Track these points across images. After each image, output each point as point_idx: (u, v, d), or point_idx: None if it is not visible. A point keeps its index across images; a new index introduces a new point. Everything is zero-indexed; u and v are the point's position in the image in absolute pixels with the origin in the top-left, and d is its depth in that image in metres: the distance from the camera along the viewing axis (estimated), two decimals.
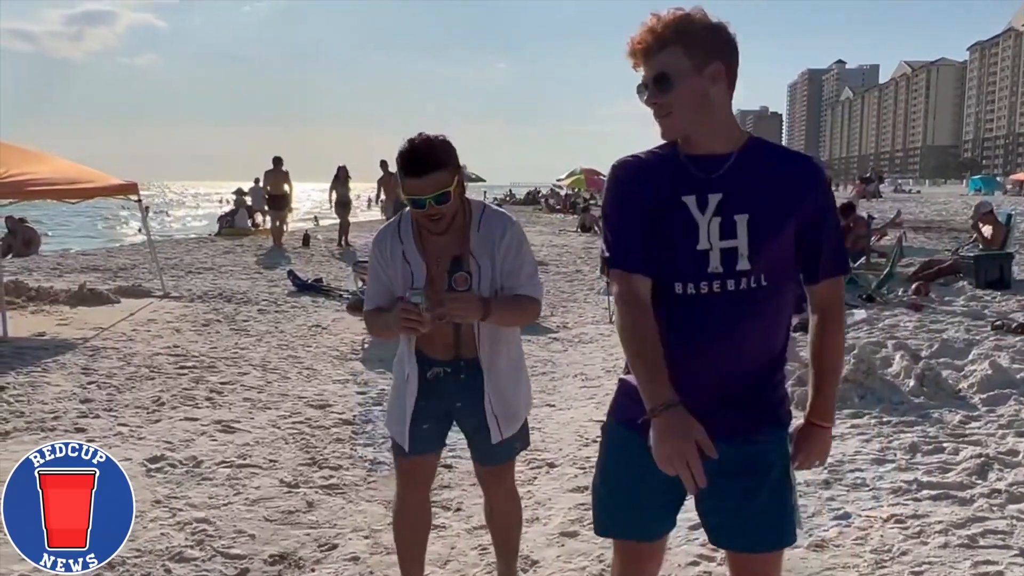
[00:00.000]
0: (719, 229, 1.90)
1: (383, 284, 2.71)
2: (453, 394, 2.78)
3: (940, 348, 6.67)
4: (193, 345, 7.57)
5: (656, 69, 1.90)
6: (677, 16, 1.91)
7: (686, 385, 1.84)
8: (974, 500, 3.81)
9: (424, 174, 2.50)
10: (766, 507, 1.95)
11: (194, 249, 17.01)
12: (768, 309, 1.93)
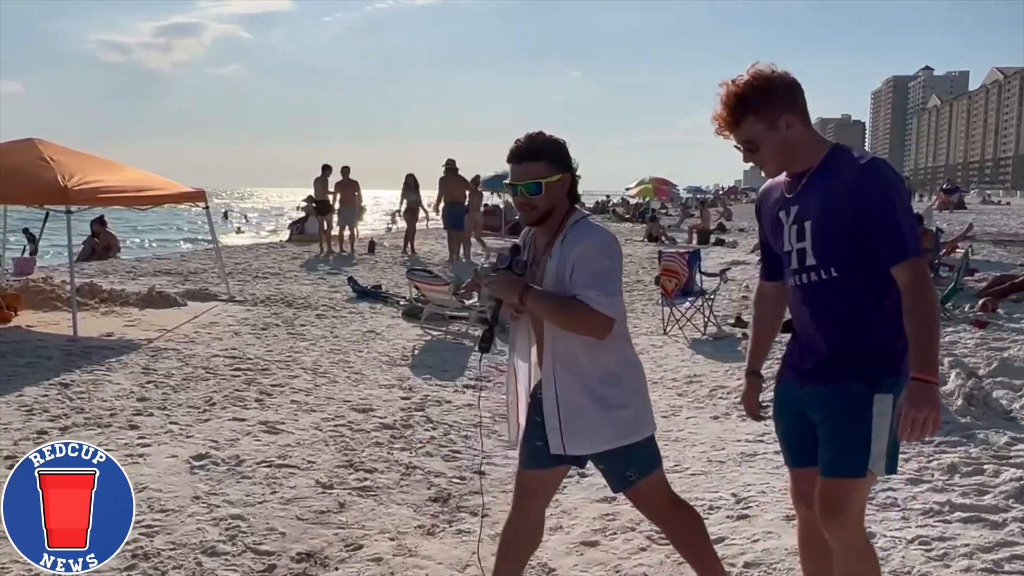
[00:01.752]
0: (796, 234, 2.44)
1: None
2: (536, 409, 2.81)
3: (999, 367, 6.45)
4: (250, 348, 7.83)
5: (740, 138, 2.42)
6: (742, 88, 2.37)
7: (803, 348, 2.52)
8: (1006, 524, 3.70)
9: (521, 162, 2.67)
10: (840, 442, 2.39)
11: (263, 255, 17.52)
12: (846, 294, 2.37)
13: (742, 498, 4.25)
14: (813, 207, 2.38)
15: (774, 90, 2.37)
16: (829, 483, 2.41)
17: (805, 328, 2.51)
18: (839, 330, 2.41)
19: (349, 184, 17.84)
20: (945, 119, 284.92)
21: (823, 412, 2.44)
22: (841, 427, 2.39)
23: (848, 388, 2.38)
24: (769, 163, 2.46)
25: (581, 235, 2.65)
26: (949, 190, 48.35)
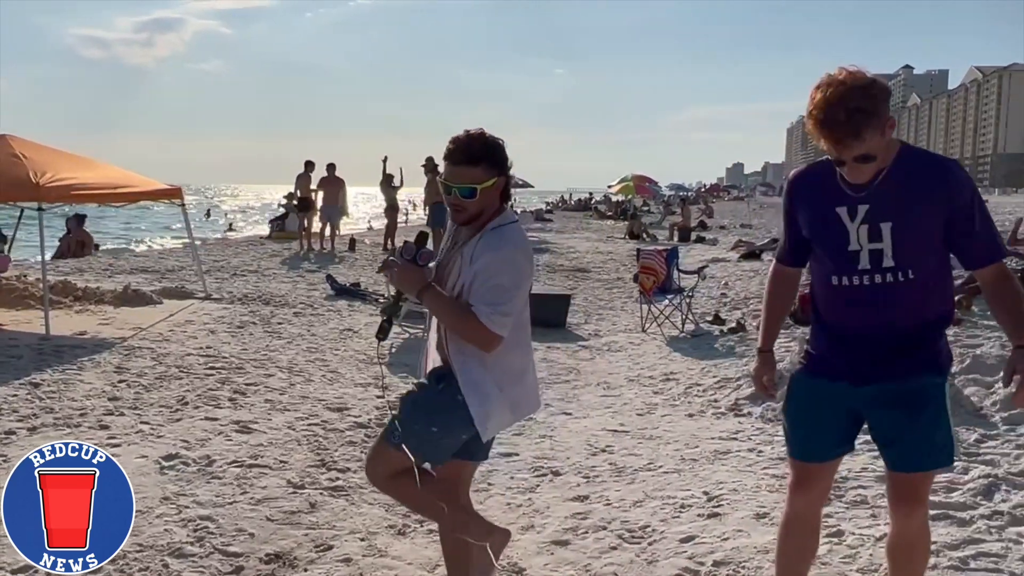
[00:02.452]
0: (867, 234, 2.40)
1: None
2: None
3: (971, 364, 6.48)
4: (225, 346, 7.77)
5: (860, 151, 2.28)
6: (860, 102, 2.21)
7: (855, 345, 2.49)
8: (974, 521, 3.73)
9: (458, 164, 2.64)
10: (925, 435, 2.45)
11: (242, 252, 17.40)
12: (916, 294, 2.41)
13: (714, 496, 4.25)
14: (892, 209, 2.36)
15: (885, 91, 2.29)
16: (918, 476, 2.50)
17: (867, 326, 2.47)
18: (913, 327, 2.45)
19: (334, 181, 17.76)
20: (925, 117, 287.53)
21: (907, 409, 2.46)
22: (931, 421, 2.46)
23: (929, 380, 2.47)
24: (871, 166, 2.34)
25: (492, 245, 2.65)
26: None
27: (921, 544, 2.65)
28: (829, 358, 2.59)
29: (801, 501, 2.68)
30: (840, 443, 2.63)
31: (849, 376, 2.53)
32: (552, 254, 19.22)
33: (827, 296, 2.56)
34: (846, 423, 2.60)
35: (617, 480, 4.63)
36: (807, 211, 2.54)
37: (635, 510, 4.15)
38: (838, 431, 2.61)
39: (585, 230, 30.13)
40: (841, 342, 2.55)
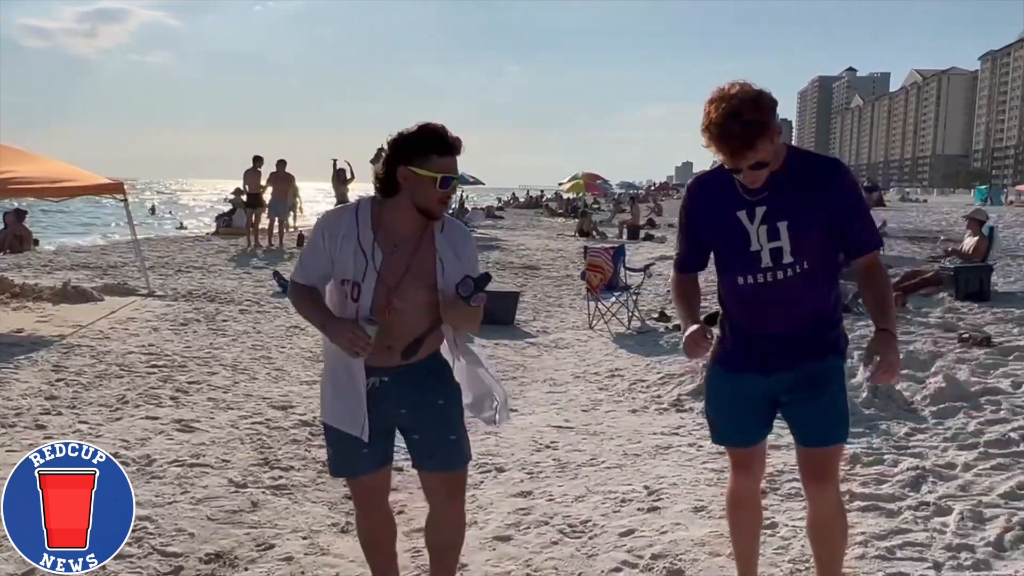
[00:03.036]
0: (766, 234, 2.57)
1: (321, 263, 2.69)
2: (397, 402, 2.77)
3: (905, 360, 6.67)
4: (168, 344, 7.66)
5: (754, 160, 2.45)
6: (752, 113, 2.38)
7: (761, 336, 2.69)
8: (901, 512, 3.86)
9: (455, 156, 2.63)
10: (826, 412, 2.68)
11: (187, 248, 17.13)
12: (815, 285, 2.61)
13: (654, 490, 4.34)
14: (787, 208, 2.54)
15: (774, 103, 2.48)
16: (826, 452, 2.72)
17: (766, 318, 2.68)
18: (812, 314, 2.66)
19: (284, 177, 17.58)
20: (867, 119, 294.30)
21: (811, 389, 2.67)
22: (832, 400, 2.69)
23: (830, 362, 2.70)
24: (763, 173, 2.51)
25: (460, 229, 2.78)
26: (868, 188, 49.85)
27: (838, 523, 2.81)
28: (741, 352, 2.77)
29: (740, 481, 2.94)
30: (761, 427, 2.85)
31: (760, 368, 2.72)
32: (502, 251, 19.28)
33: (734, 295, 2.73)
34: (763, 409, 2.80)
35: (560, 476, 4.69)
36: (709, 217, 2.70)
37: (577, 505, 4.21)
38: (757, 418, 2.82)
39: (536, 227, 30.25)
40: (751, 337, 2.74)
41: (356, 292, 2.64)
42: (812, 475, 2.75)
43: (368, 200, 2.72)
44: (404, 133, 2.61)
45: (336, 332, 2.58)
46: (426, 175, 2.57)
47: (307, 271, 2.73)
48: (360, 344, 2.54)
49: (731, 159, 2.46)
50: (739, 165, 2.47)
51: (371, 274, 2.64)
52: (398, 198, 2.64)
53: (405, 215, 2.66)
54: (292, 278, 2.79)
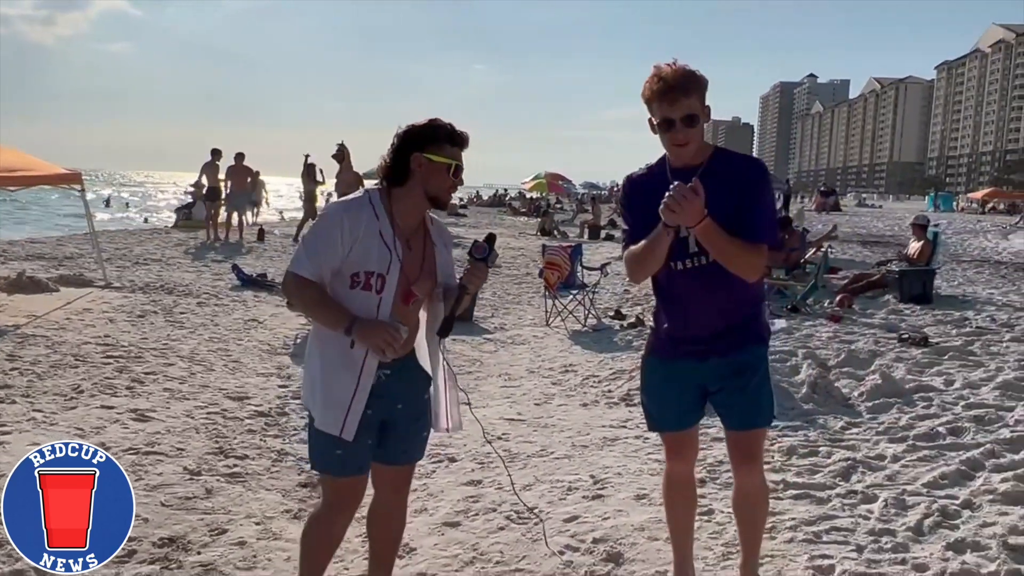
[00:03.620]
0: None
1: (336, 255, 2.63)
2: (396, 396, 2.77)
3: (846, 358, 6.96)
4: (124, 335, 7.66)
5: (685, 111, 2.67)
6: (690, 70, 2.69)
7: (694, 324, 2.87)
8: (830, 500, 4.06)
9: (465, 148, 2.75)
10: (753, 398, 2.86)
11: (146, 241, 16.98)
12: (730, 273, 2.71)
13: (599, 479, 4.49)
14: (710, 198, 2.64)
15: (703, 81, 2.74)
16: (752, 435, 2.92)
17: (697, 306, 2.86)
18: (738, 301, 2.85)
19: (242, 170, 17.47)
20: (827, 125, 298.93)
21: (737, 376, 2.85)
22: (757, 386, 2.87)
23: (754, 351, 2.88)
24: (691, 145, 2.74)
25: (441, 223, 2.91)
26: (825, 192, 50.95)
27: (762, 499, 3.03)
28: (674, 339, 2.94)
29: (674, 464, 3.12)
30: (693, 412, 3.03)
31: (693, 354, 2.90)
32: (464, 249, 19.28)
33: (667, 281, 2.91)
34: (695, 395, 2.98)
35: (510, 465, 4.82)
36: (643, 207, 2.81)
37: (525, 493, 4.34)
38: (689, 403, 2.99)
39: (498, 226, 30.33)
40: (683, 323, 2.91)
41: (381, 284, 2.64)
42: (740, 457, 2.96)
43: (377, 192, 2.74)
44: (416, 124, 2.71)
45: (371, 332, 2.57)
46: (441, 161, 2.67)
47: (317, 264, 2.63)
48: (397, 344, 2.57)
49: (671, 107, 2.66)
50: (675, 114, 2.66)
51: (395, 266, 2.66)
52: (407, 187, 2.70)
53: (414, 205, 2.72)
54: (297, 272, 2.65)
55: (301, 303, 2.75)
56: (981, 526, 3.69)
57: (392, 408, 2.78)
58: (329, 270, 2.65)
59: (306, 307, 2.76)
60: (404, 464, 2.93)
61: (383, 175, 2.75)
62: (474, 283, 2.74)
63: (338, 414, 2.67)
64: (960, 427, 5.14)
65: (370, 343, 2.58)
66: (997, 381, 6.25)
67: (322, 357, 2.72)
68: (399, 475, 2.95)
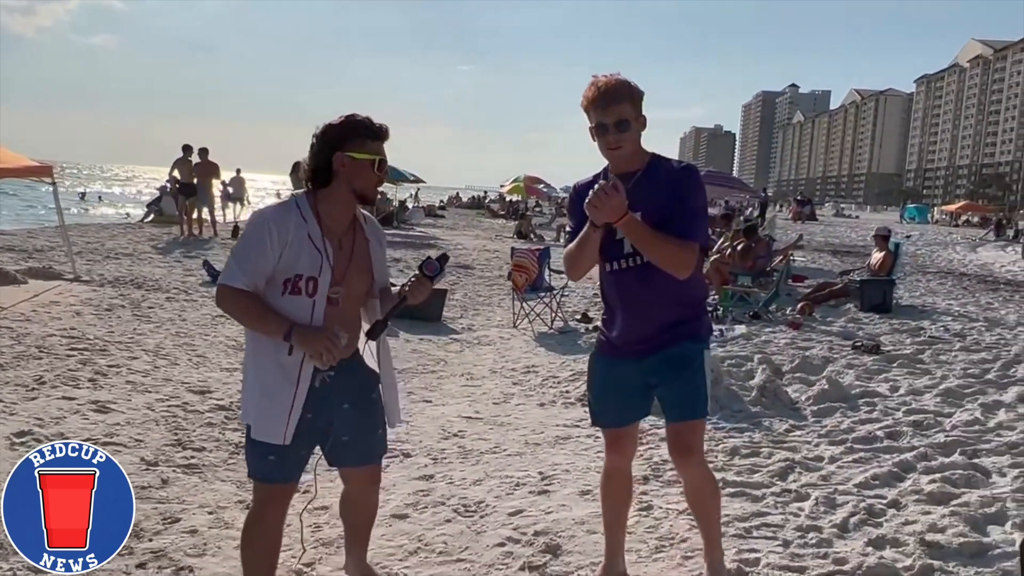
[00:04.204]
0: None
1: (267, 262, 2.64)
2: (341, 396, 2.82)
3: (800, 364, 7.15)
4: (90, 328, 7.70)
5: (618, 116, 2.85)
6: (623, 80, 2.88)
7: (631, 323, 3.01)
8: (765, 498, 4.23)
9: (385, 140, 2.78)
10: (686, 391, 2.98)
11: (119, 235, 16.95)
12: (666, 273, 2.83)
13: (547, 476, 4.63)
14: (643, 202, 2.83)
15: (641, 94, 2.93)
16: (685, 426, 3.01)
17: (634, 305, 3.00)
18: (673, 302, 2.97)
19: (206, 166, 17.49)
20: (808, 135, 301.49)
21: (671, 371, 2.98)
22: (689, 379, 2.98)
23: (690, 347, 3.00)
24: (627, 146, 2.89)
25: (374, 221, 2.98)
26: (801, 202, 51.49)
27: (708, 492, 3.15)
28: (618, 338, 3.07)
29: (612, 458, 3.25)
30: (633, 409, 3.15)
31: (632, 352, 3.04)
32: (439, 250, 19.42)
33: (608, 282, 3.07)
34: (639, 394, 3.10)
35: (463, 462, 4.96)
36: (583, 211, 2.89)
37: (474, 488, 4.48)
38: (630, 401, 3.12)
39: (475, 228, 30.50)
40: (624, 322, 3.04)
41: (313, 287, 2.67)
42: (676, 449, 3.07)
43: (303, 195, 2.75)
44: (334, 123, 2.72)
45: (310, 339, 2.59)
46: (364, 158, 2.69)
47: (251, 273, 2.64)
48: (336, 350, 2.61)
49: (604, 111, 2.84)
50: (608, 119, 2.84)
51: (326, 268, 2.68)
52: (332, 188, 2.71)
53: (342, 206, 2.75)
54: (230, 283, 2.64)
55: (237, 314, 2.71)
56: (903, 524, 3.87)
57: (338, 408, 2.83)
58: (263, 278, 2.66)
59: (242, 318, 2.70)
60: (368, 466, 3.01)
61: (306, 178, 2.78)
62: (416, 296, 2.79)
63: (278, 421, 2.70)
64: (898, 431, 5.33)
65: (308, 349, 2.61)
66: (940, 388, 6.46)
67: (258, 367, 2.75)
68: (368, 473, 3.04)
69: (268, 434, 2.71)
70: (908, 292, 13.08)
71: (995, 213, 50.18)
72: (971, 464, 4.70)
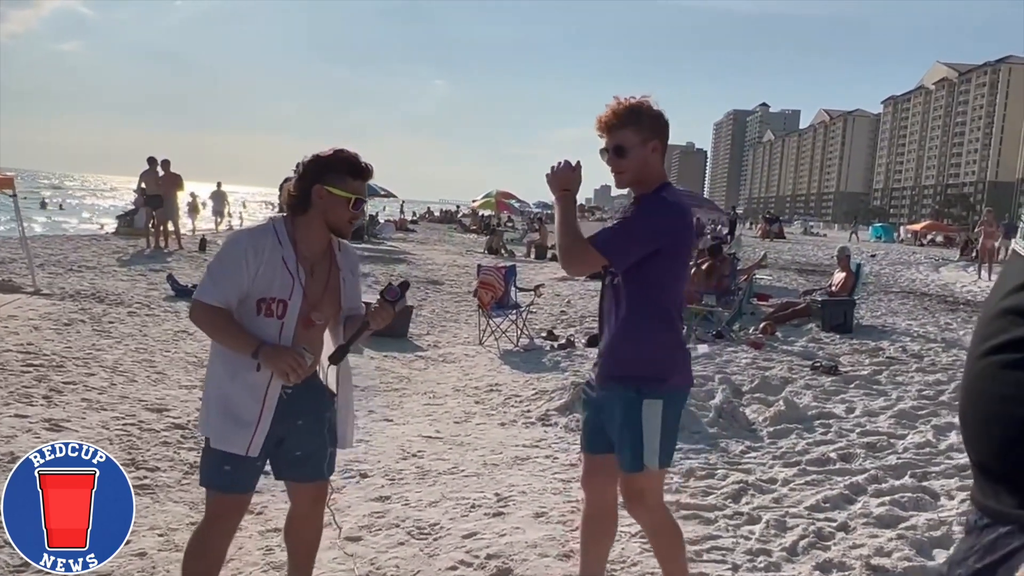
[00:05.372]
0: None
1: (241, 282, 2.69)
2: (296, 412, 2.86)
3: (759, 384, 7.23)
4: (48, 344, 7.60)
5: (615, 142, 2.86)
6: (631, 104, 2.86)
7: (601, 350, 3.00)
8: (717, 520, 4.27)
9: (368, 180, 2.84)
10: (622, 445, 2.88)
11: (83, 247, 16.74)
12: (623, 298, 2.86)
13: (503, 497, 4.64)
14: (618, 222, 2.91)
15: (657, 119, 2.90)
16: (624, 478, 2.94)
17: (604, 324, 3.01)
18: (617, 330, 2.90)
19: (170, 178, 17.38)
20: (778, 153, 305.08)
21: (609, 416, 2.92)
22: (619, 432, 2.89)
23: (622, 394, 2.86)
24: (628, 172, 2.90)
25: (351, 250, 3.03)
26: (770, 220, 52.09)
27: (663, 534, 3.03)
28: (595, 361, 3.13)
29: (587, 488, 3.18)
30: (600, 438, 3.04)
31: (595, 379, 3.06)
32: (409, 265, 19.47)
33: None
34: (600, 420, 3.03)
35: (420, 483, 4.95)
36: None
37: (429, 509, 4.48)
38: (597, 426, 3.05)
39: (446, 243, 30.48)
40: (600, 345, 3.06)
41: (282, 310, 2.73)
42: (622, 493, 3.04)
43: (281, 219, 2.82)
44: (322, 155, 2.79)
45: (277, 358, 2.65)
46: (341, 195, 2.75)
47: (225, 291, 2.69)
48: (301, 370, 2.67)
49: (605, 136, 2.89)
50: (607, 144, 2.89)
51: (298, 292, 2.75)
52: (309, 216, 2.78)
53: (317, 234, 2.81)
54: (203, 299, 2.71)
55: (209, 329, 2.77)
56: (851, 547, 3.92)
57: (292, 424, 2.87)
58: (236, 296, 2.71)
59: (214, 333, 2.76)
60: (316, 481, 3.02)
61: (286, 203, 2.84)
62: (377, 322, 2.83)
63: (244, 434, 2.75)
64: (851, 453, 5.41)
65: (275, 367, 2.67)
66: (895, 410, 6.56)
67: (224, 382, 2.78)
68: (314, 490, 3.04)
69: (230, 444, 2.74)
70: (870, 312, 13.27)
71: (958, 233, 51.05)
72: (920, 487, 4.78)
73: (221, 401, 2.78)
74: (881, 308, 14.43)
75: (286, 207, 2.84)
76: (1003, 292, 1.07)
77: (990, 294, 1.12)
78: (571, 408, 6.37)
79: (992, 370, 1.07)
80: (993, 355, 1.06)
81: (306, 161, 2.79)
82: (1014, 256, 1.09)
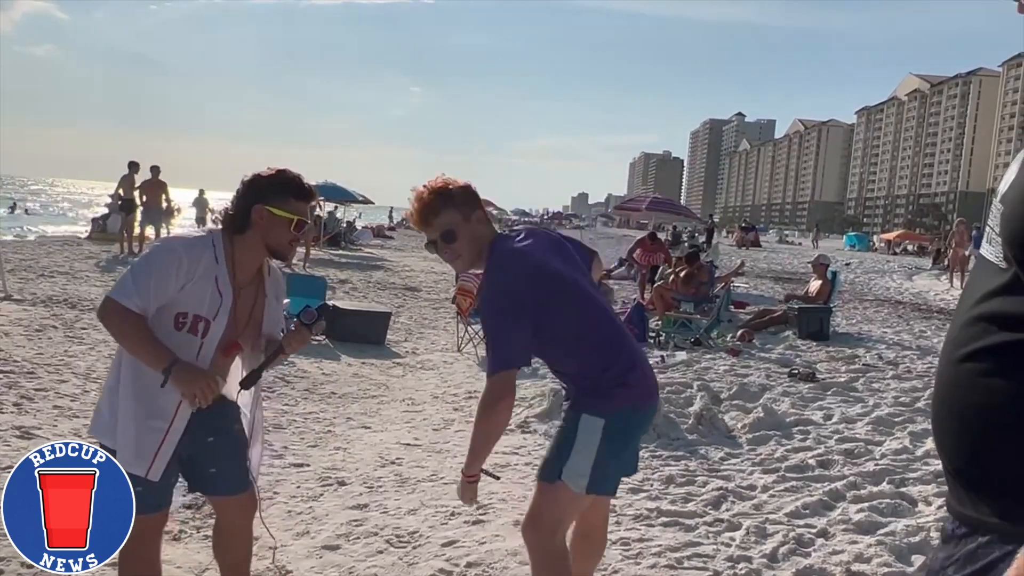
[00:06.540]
0: None
1: (167, 291, 2.56)
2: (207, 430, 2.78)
3: (737, 391, 7.25)
4: (18, 350, 7.46)
5: (441, 229, 2.70)
6: (438, 188, 2.71)
7: None
8: (697, 527, 4.26)
9: (310, 202, 2.78)
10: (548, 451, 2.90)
11: (55, 252, 16.50)
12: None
13: (483, 505, 4.60)
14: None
15: (463, 189, 2.76)
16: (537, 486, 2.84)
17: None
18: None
19: (156, 184, 17.17)
20: (754, 162, 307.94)
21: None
22: (555, 436, 2.87)
23: (568, 411, 2.86)
24: (464, 256, 2.76)
25: (279, 275, 2.96)
26: (746, 228, 52.49)
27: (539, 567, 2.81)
28: None
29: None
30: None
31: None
32: (386, 271, 19.39)
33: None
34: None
35: (399, 490, 4.90)
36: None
37: (408, 517, 4.43)
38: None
39: (422, 250, 30.38)
40: None
41: (205, 329, 2.63)
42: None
43: (220, 234, 2.71)
44: (263, 174, 2.71)
45: (189, 379, 2.53)
46: (283, 215, 2.66)
47: (146, 296, 2.55)
48: (211, 396, 2.57)
49: (427, 230, 2.76)
50: (432, 235, 2.75)
51: (224, 313, 2.65)
52: (247, 236, 2.68)
53: (254, 255, 2.73)
54: (122, 301, 2.54)
55: (120, 335, 2.59)
56: (831, 554, 3.93)
57: (202, 441, 2.78)
58: (156, 305, 2.57)
59: (125, 339, 2.58)
60: (235, 494, 2.94)
61: (224, 222, 2.74)
62: (292, 346, 2.78)
63: (145, 456, 2.64)
64: (830, 460, 5.44)
65: (185, 389, 2.54)
66: (872, 416, 6.61)
67: (132, 393, 2.64)
68: (239, 503, 2.95)
69: (133, 465, 2.61)
70: (845, 319, 13.38)
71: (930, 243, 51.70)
72: (898, 493, 4.81)
73: (128, 416, 2.64)
74: (856, 316, 14.56)
75: (223, 225, 2.73)
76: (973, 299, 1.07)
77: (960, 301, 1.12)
78: (551, 415, 6.35)
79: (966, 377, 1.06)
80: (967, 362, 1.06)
81: (247, 180, 2.71)
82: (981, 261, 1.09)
